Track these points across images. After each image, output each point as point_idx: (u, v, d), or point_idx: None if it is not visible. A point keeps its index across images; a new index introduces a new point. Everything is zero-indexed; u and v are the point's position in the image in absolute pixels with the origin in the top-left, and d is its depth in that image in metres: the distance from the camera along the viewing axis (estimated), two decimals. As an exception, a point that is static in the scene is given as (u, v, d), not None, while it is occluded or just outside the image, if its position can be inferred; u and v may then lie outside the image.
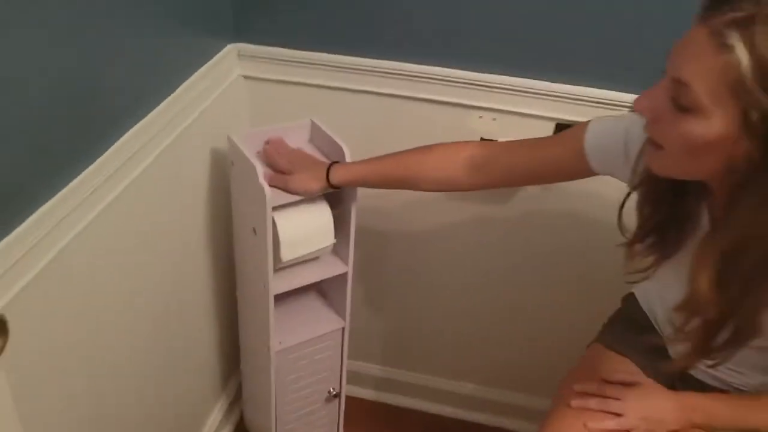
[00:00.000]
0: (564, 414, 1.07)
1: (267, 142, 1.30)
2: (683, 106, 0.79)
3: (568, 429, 1.05)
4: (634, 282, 1.04)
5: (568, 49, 1.27)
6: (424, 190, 1.23)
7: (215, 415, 1.64)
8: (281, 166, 1.24)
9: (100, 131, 0.99)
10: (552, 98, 1.30)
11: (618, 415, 1.05)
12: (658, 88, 0.82)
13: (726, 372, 1.06)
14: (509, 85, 1.31)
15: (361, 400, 1.84)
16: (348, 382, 1.67)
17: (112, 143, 1.02)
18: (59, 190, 0.91)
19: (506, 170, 1.15)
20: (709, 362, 0.95)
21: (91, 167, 0.96)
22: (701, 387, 1.09)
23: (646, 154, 0.91)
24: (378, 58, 1.35)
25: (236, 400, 1.72)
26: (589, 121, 1.07)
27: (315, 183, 1.22)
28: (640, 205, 1.00)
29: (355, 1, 1.30)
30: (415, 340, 1.75)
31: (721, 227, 0.85)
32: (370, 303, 1.70)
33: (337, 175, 1.21)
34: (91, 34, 0.94)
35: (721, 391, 1.07)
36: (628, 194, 1.02)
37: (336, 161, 1.24)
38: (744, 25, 0.72)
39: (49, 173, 0.89)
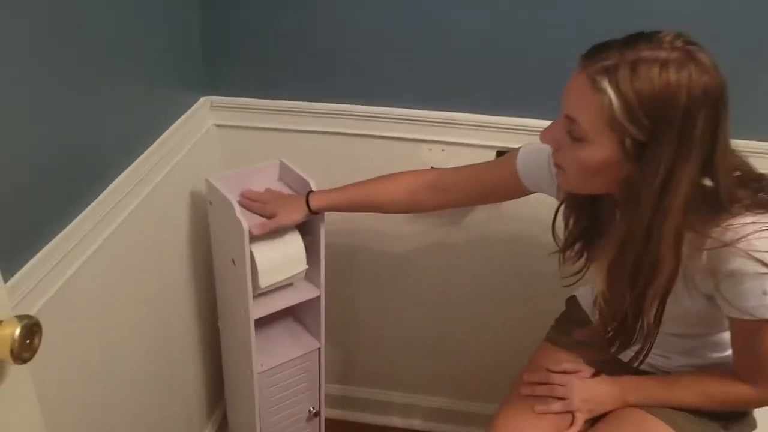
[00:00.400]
0: (516, 401, 1.22)
1: (240, 195, 1.43)
2: (575, 137, 0.96)
3: (519, 413, 1.19)
4: (570, 285, 1.20)
5: (501, 85, 1.45)
6: (392, 212, 1.40)
7: (202, 444, 1.74)
8: (264, 211, 1.38)
9: (91, 180, 1.13)
10: (491, 129, 1.48)
11: (563, 399, 1.19)
12: (557, 122, 1.00)
13: (653, 357, 1.20)
14: (453, 119, 1.49)
15: (340, 422, 1.94)
16: (332, 406, 1.80)
17: (102, 190, 1.15)
18: (59, 232, 1.03)
19: (458, 191, 1.32)
20: (635, 349, 1.08)
21: (84, 212, 1.09)
22: (634, 371, 1.23)
23: (557, 175, 1.08)
24: (336, 102, 1.51)
25: (222, 428, 1.82)
26: (520, 147, 1.24)
27: (298, 214, 1.36)
28: (566, 216, 1.16)
29: (313, 52, 1.47)
30: (387, 358, 1.88)
31: (612, 234, 1.01)
32: (342, 326, 1.82)
33: (317, 202, 1.36)
34: (80, 96, 1.07)
35: (651, 374, 1.22)
36: (558, 208, 1.19)
37: (311, 190, 1.38)
38: (612, 72, 0.89)
39: (51, 215, 1.03)
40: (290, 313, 1.63)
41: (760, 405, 1.15)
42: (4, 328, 0.69)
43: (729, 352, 1.14)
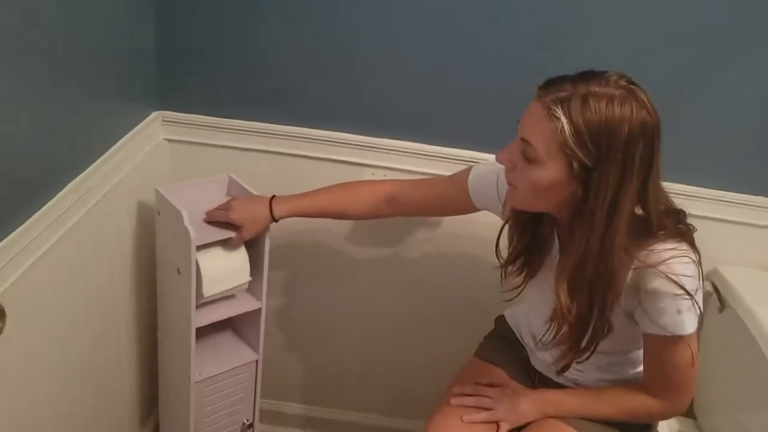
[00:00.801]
0: (445, 411, 1.29)
1: (206, 213, 1.45)
2: (529, 158, 1.07)
3: (448, 422, 1.27)
4: (510, 300, 1.30)
5: (441, 118, 1.55)
6: (351, 219, 1.50)
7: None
8: (226, 218, 1.40)
9: (42, 186, 1.16)
10: (428, 157, 1.57)
11: (489, 409, 1.28)
12: (513, 145, 1.11)
13: (571, 371, 1.30)
14: (394, 146, 1.58)
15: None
16: (265, 421, 1.83)
17: (52, 197, 1.18)
18: (4, 237, 1.05)
19: (413, 203, 1.43)
20: (579, 360, 1.18)
21: (32, 218, 1.11)
22: (554, 384, 1.33)
23: (507, 195, 1.18)
24: (285, 124, 1.58)
25: (153, 441, 1.83)
26: (472, 167, 1.35)
27: (262, 225, 1.41)
28: (510, 234, 1.26)
29: (264, 75, 1.54)
30: (323, 375, 1.92)
31: (566, 250, 1.11)
32: (280, 341, 1.86)
33: (280, 211, 1.40)
34: (34, 105, 1.10)
35: (569, 387, 1.32)
36: (502, 227, 1.29)
37: (273, 195, 1.42)
38: (565, 102, 1.01)
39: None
40: (230, 325, 1.67)
41: (664, 417, 1.27)
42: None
43: (641, 368, 1.25)
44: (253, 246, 1.48)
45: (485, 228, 1.33)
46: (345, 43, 1.50)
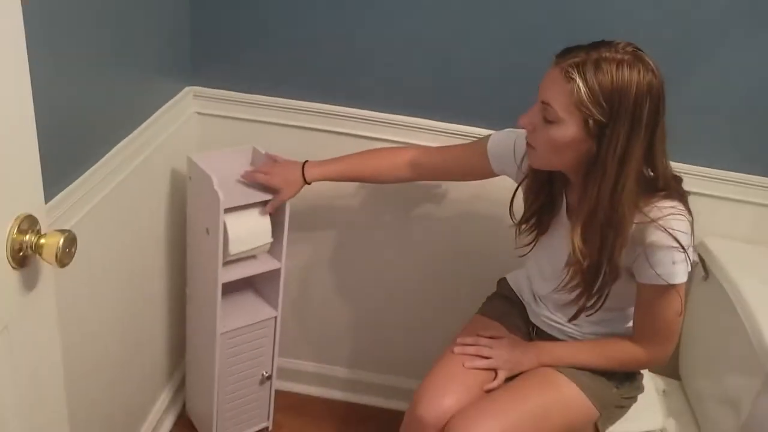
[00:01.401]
0: (448, 358, 1.42)
1: (247, 175, 1.58)
2: (549, 119, 1.20)
3: (450, 367, 1.40)
4: (523, 255, 1.44)
5: (454, 96, 1.68)
6: (377, 183, 1.63)
7: (159, 404, 1.87)
8: (267, 182, 1.54)
9: (86, 154, 1.27)
10: (436, 133, 1.70)
11: (488, 358, 1.41)
12: (533, 109, 1.24)
13: (567, 325, 1.43)
14: (410, 123, 1.70)
15: (286, 393, 2.09)
16: (281, 378, 1.96)
17: (91, 165, 1.28)
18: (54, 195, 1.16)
19: (435, 168, 1.56)
20: (590, 309, 1.29)
21: (73, 184, 1.22)
22: (549, 338, 1.46)
23: (527, 156, 1.31)
24: (307, 100, 1.71)
25: (179, 390, 1.96)
26: (491, 134, 1.47)
27: (297, 188, 1.54)
28: (525, 195, 1.40)
29: (289, 55, 1.67)
30: (337, 335, 2.05)
31: (580, 201, 1.24)
32: (295, 302, 1.99)
33: (312, 175, 1.54)
34: (81, 83, 1.23)
35: (562, 340, 1.45)
36: (516, 189, 1.42)
37: (306, 161, 1.55)
38: (580, 66, 1.15)
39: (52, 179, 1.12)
40: (251, 285, 1.81)
41: (649, 365, 1.40)
42: (51, 238, 0.86)
43: (631, 324, 1.38)
44: (275, 209, 1.60)
45: (498, 191, 1.45)
46: (364, 24, 1.62)
